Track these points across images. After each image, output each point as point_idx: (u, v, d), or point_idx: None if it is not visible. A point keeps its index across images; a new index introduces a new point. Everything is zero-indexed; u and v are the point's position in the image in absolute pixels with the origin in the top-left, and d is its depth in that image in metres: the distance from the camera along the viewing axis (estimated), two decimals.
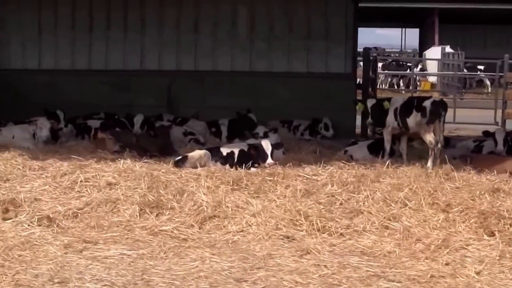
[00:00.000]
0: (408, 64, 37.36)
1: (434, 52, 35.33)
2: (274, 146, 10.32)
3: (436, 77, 32.03)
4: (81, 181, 9.35)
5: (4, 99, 15.52)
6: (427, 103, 10.72)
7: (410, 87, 30.70)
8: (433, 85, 31.15)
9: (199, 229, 7.82)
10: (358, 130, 15.66)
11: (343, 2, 15.43)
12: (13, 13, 15.95)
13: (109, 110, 14.79)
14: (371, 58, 15.62)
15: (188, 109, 14.85)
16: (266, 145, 10.21)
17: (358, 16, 15.60)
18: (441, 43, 37.14)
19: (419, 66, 36.08)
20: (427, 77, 33.07)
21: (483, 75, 33.06)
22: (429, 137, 10.58)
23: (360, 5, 15.79)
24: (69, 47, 15.86)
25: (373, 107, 11.25)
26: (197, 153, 10.40)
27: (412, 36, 54.07)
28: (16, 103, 15.26)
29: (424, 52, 38.24)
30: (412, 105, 10.92)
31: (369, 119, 11.35)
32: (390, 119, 11.16)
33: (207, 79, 15.42)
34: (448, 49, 34.82)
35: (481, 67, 33.65)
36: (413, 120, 10.82)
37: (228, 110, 14.72)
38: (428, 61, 34.79)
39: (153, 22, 15.62)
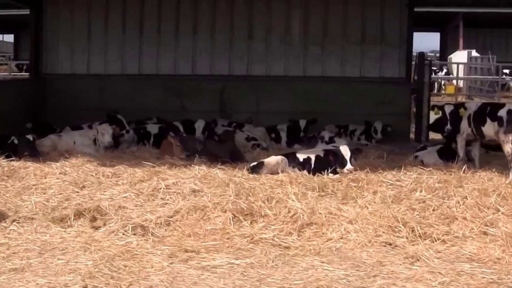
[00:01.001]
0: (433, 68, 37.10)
1: (459, 56, 35.17)
2: (353, 152, 10.12)
3: (462, 81, 31.82)
4: (161, 188, 9.19)
5: (52, 104, 15.47)
6: (502, 112, 10.47)
7: (435, 91, 30.37)
8: (457, 88, 30.93)
9: (298, 236, 7.61)
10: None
11: (397, 6, 15.26)
12: (62, 17, 15.82)
13: (161, 115, 14.72)
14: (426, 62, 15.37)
15: (241, 115, 14.72)
16: (345, 150, 10.02)
17: (414, 20, 15.41)
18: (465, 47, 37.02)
19: (444, 70, 35.88)
20: (452, 80, 32.84)
21: (509, 79, 32.99)
22: (507, 147, 10.33)
23: (415, 9, 15.57)
24: (119, 52, 15.72)
25: (451, 113, 11.03)
26: (274, 159, 10.22)
27: (427, 39, 53.53)
28: (64, 108, 15.21)
29: (450, 56, 38.00)
30: (485, 112, 10.70)
31: (448, 126, 11.10)
32: (464, 125, 10.97)
33: (260, 84, 15.24)
34: (474, 53, 34.68)
35: (507, 71, 33.47)
36: (489, 129, 10.60)
37: (282, 115, 14.62)
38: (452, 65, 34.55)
39: (205, 27, 15.43)
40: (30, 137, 11.52)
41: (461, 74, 31.56)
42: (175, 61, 15.60)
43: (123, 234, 7.61)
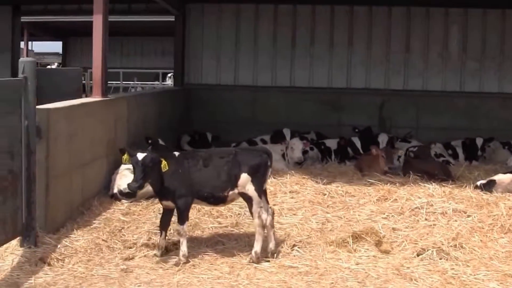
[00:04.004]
0: None
1: None
2: None
3: None
4: (415, 207, 8.79)
5: (198, 115, 15.08)
6: None
7: None
8: None
9: None
10: None
11: None
12: (209, 28, 15.44)
13: (316, 129, 14.32)
14: None
15: (401, 129, 14.29)
16: None
17: None
18: None
19: None
20: None
21: None
22: None
23: None
24: (269, 62, 15.31)
25: None
26: (508, 177, 9.79)
27: None
28: (211, 120, 14.83)
29: None
30: None
31: None
32: None
33: (419, 99, 14.85)
34: None
35: None
36: None
37: (442, 131, 14.25)
38: None
39: (361, 39, 15.05)
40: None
41: None
42: (328, 73, 15.19)
43: (429, 258, 7.19)
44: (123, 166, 9.49)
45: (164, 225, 7.05)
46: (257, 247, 6.90)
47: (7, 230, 6.42)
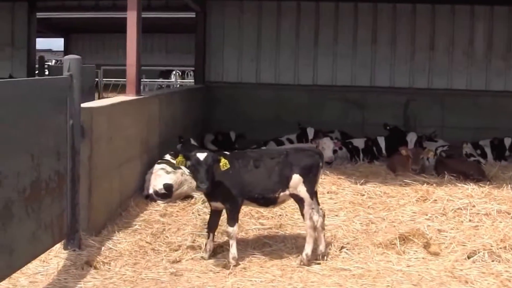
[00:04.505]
0: None
1: None
2: None
3: None
4: (458, 208, 8.63)
5: (219, 113, 14.89)
6: None
7: None
8: None
9: None
10: None
11: None
12: (231, 25, 15.23)
13: (340, 128, 14.12)
14: None
15: (425, 129, 14.06)
16: None
17: None
18: None
19: None
20: None
21: None
22: None
23: None
24: (292, 60, 15.10)
25: None
26: None
27: None
28: (231, 117, 14.65)
29: None
30: None
31: None
32: None
33: (444, 97, 14.65)
34: None
35: None
36: None
37: (467, 130, 14.06)
38: None
39: (385, 37, 14.83)
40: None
41: None
42: (352, 72, 14.98)
43: (482, 260, 7.02)
44: (156, 166, 9.33)
45: (212, 227, 6.86)
46: (308, 249, 6.73)
47: (54, 233, 6.24)
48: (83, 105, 6.85)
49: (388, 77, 14.90)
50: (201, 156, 6.25)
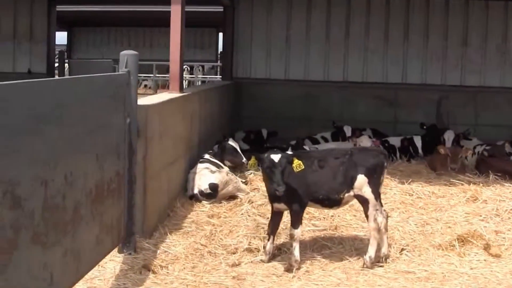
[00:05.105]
0: None
1: None
2: None
3: None
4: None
5: (248, 110, 14.66)
6: None
7: None
8: None
9: None
10: None
11: None
12: (259, 19, 14.96)
13: (373, 126, 13.87)
14: None
15: (459, 127, 13.76)
16: None
17: None
18: None
19: None
20: None
21: None
22: None
23: None
24: (321, 56, 14.84)
25: None
26: None
27: None
28: (259, 114, 14.42)
29: None
30: None
31: None
32: None
33: (477, 95, 14.38)
34: None
35: None
36: None
37: (503, 128, 13.82)
38: None
39: (417, 32, 14.55)
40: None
41: None
42: (383, 68, 14.71)
43: None
44: (200, 165, 9.11)
45: (273, 229, 6.66)
46: (371, 251, 6.53)
47: (114, 235, 6.02)
48: (139, 103, 6.63)
49: (420, 73, 14.62)
50: (276, 157, 6.03)
